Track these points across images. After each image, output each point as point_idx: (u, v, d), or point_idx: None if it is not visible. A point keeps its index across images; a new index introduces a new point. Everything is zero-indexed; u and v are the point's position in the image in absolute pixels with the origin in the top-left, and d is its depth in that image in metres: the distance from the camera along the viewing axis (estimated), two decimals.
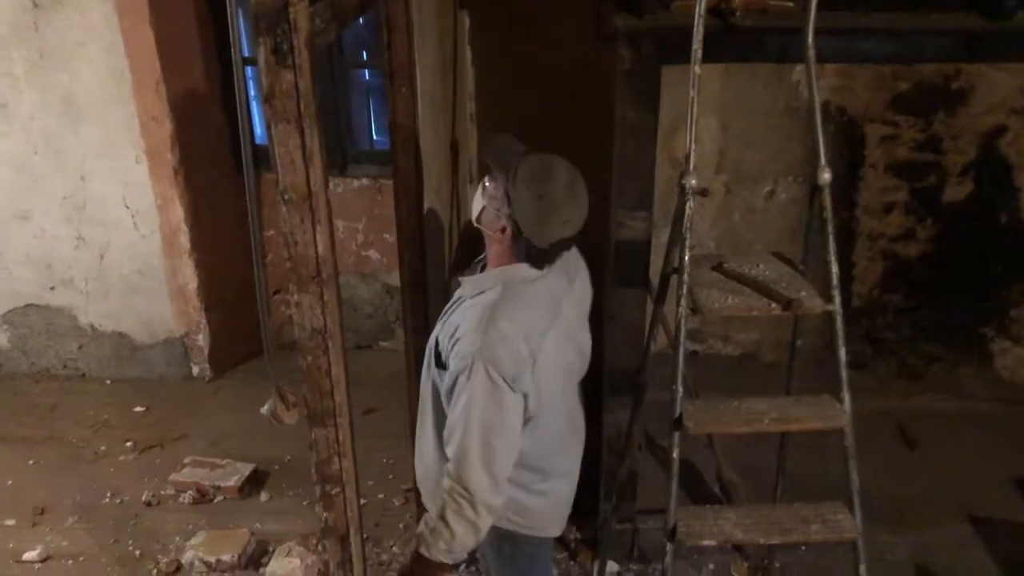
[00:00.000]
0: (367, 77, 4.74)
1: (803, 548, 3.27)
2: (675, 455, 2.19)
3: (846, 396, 2.19)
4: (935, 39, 2.50)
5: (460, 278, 2.21)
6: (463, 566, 3.29)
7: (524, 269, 2.10)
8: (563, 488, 2.33)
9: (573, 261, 2.26)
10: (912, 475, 3.71)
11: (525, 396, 2.02)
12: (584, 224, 2.09)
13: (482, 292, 2.12)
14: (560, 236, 2.05)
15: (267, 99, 1.60)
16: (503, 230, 2.08)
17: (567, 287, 2.20)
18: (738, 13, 2.34)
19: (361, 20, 4.12)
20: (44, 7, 3.81)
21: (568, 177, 2.04)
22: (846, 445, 2.19)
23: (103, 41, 3.85)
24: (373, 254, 4.61)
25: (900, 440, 3.96)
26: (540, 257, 2.08)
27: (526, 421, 2.06)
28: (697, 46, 2.11)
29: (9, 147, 4.11)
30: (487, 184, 2.11)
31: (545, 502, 2.28)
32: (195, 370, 4.54)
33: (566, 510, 2.38)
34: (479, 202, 2.14)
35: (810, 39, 2.16)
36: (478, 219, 2.15)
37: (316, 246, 1.72)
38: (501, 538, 2.29)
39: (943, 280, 4.29)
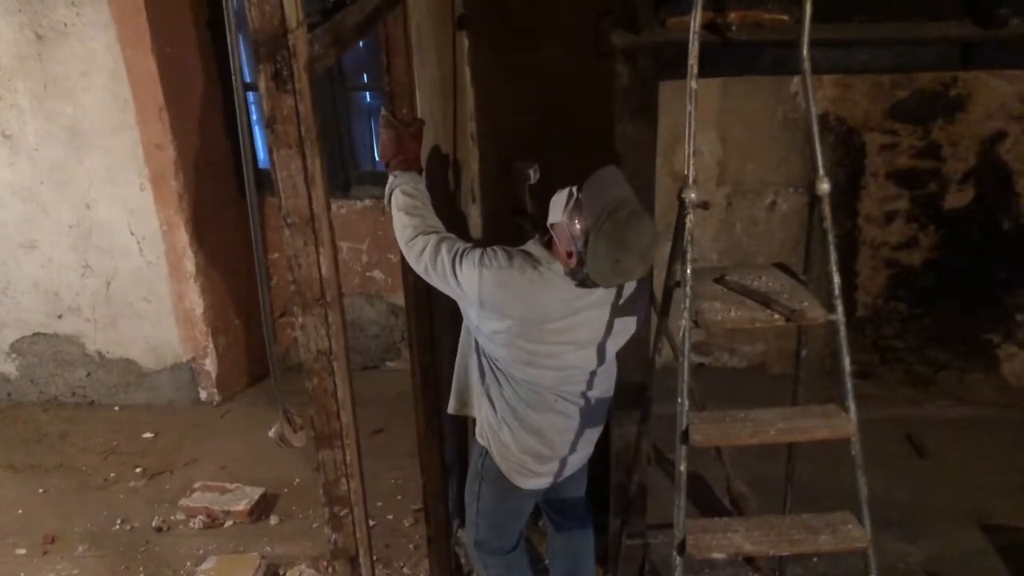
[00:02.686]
0: (368, 99, 4.77)
1: (815, 559, 3.26)
2: (682, 468, 2.18)
3: (852, 405, 2.18)
4: (931, 48, 2.51)
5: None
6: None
7: (568, 278, 2.32)
8: (530, 441, 2.54)
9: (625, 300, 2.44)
10: (923, 483, 3.70)
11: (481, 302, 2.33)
12: None
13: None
14: (615, 284, 2.32)
15: (268, 124, 1.62)
16: (570, 255, 2.29)
17: (591, 311, 2.38)
18: (734, 27, 2.35)
19: (361, 43, 4.15)
20: (48, 39, 3.85)
21: (646, 243, 2.23)
22: (853, 454, 2.19)
23: (106, 70, 3.89)
24: (378, 275, 4.63)
25: (910, 448, 3.94)
26: (591, 285, 2.31)
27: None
28: (693, 61, 2.13)
29: (15, 177, 4.14)
30: (574, 215, 2.26)
31: (512, 438, 2.54)
32: (203, 394, 4.55)
33: (534, 467, 2.60)
34: (559, 214, 2.31)
35: (805, 51, 2.18)
36: (551, 224, 2.34)
37: (320, 269, 1.74)
38: (480, 452, 2.65)
39: (947, 287, 4.29)
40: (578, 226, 2.25)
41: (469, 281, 2.32)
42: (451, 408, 2.76)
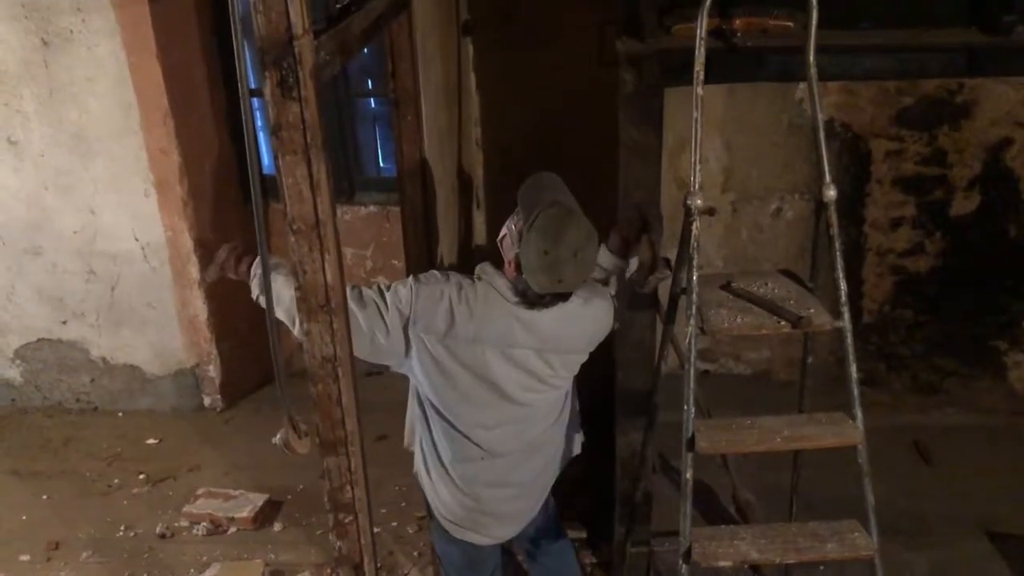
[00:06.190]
0: (373, 105, 4.78)
1: (821, 567, 3.24)
2: (688, 476, 2.18)
3: (859, 413, 2.18)
4: (936, 55, 2.50)
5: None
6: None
7: (510, 293, 2.28)
8: (458, 496, 2.47)
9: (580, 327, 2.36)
10: (930, 491, 3.68)
11: (408, 332, 2.27)
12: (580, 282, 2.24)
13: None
14: (553, 291, 2.21)
15: (274, 131, 1.62)
16: (510, 262, 2.25)
17: (528, 349, 2.32)
18: (739, 34, 2.35)
19: (366, 49, 4.16)
20: (53, 45, 3.86)
21: (579, 242, 2.15)
22: (860, 462, 2.18)
23: (111, 76, 3.89)
24: (382, 280, 4.62)
25: (916, 456, 3.93)
26: (534, 299, 2.24)
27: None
28: (699, 68, 2.13)
29: (20, 183, 4.14)
30: (514, 218, 2.26)
31: (442, 491, 2.48)
32: (207, 401, 4.54)
33: (466, 524, 2.52)
34: (505, 227, 2.29)
35: (811, 58, 2.17)
36: (500, 240, 2.32)
37: (325, 275, 1.73)
38: (431, 516, 2.59)
39: (954, 294, 4.27)
40: (515, 228, 2.23)
41: (401, 300, 2.26)
42: (405, 441, 2.67)
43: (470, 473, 2.46)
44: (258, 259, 2.33)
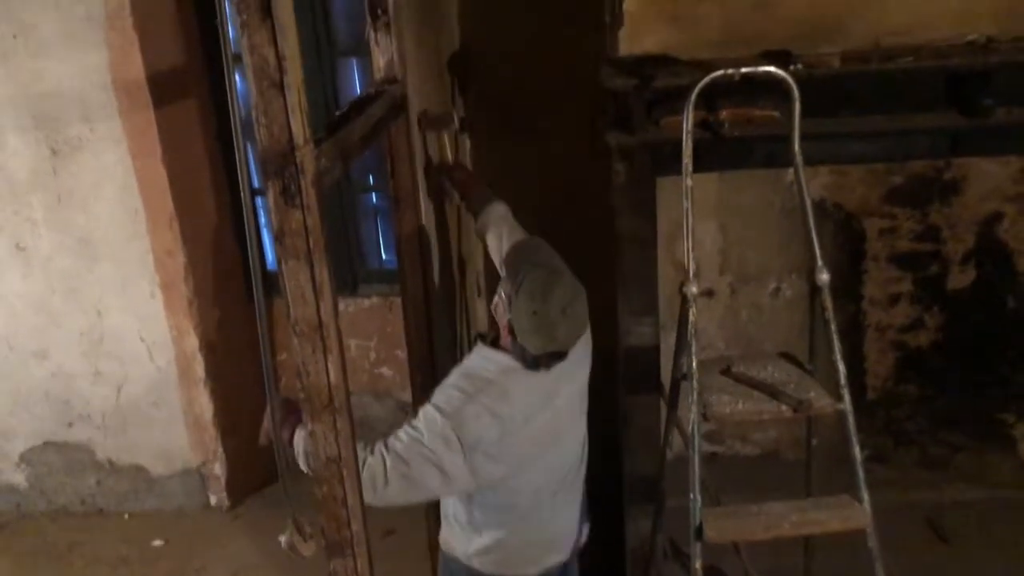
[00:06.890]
0: (375, 200, 4.87)
1: None
2: (698, 566, 2.16)
3: (865, 495, 2.17)
4: (920, 137, 2.58)
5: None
6: None
7: (515, 363, 2.31)
8: (539, 537, 2.53)
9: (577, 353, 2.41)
10: (947, 570, 3.61)
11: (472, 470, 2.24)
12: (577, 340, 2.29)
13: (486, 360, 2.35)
14: (549, 350, 2.24)
15: (277, 238, 1.67)
16: (505, 327, 2.30)
17: (564, 383, 2.39)
18: (725, 125, 2.43)
19: None
20: (61, 154, 3.96)
21: (567, 299, 2.20)
22: (870, 546, 2.16)
23: (118, 182, 3.98)
24: (386, 371, 4.64)
25: (931, 533, 3.86)
26: (533, 361, 2.27)
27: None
28: (687, 159, 2.19)
29: (28, 288, 4.20)
30: (503, 283, 2.32)
31: (521, 544, 2.50)
32: (213, 499, 4.50)
33: (548, 552, 2.57)
34: (497, 295, 2.35)
35: (796, 147, 2.24)
36: (493, 308, 2.35)
37: (328, 375, 1.76)
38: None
39: (956, 367, 4.27)
40: (504, 294, 2.28)
41: (445, 441, 2.21)
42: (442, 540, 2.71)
43: (538, 519, 2.48)
44: (299, 432, 2.30)
